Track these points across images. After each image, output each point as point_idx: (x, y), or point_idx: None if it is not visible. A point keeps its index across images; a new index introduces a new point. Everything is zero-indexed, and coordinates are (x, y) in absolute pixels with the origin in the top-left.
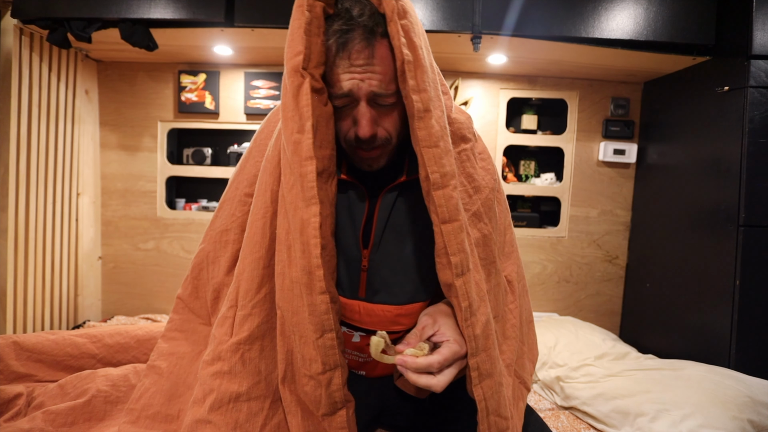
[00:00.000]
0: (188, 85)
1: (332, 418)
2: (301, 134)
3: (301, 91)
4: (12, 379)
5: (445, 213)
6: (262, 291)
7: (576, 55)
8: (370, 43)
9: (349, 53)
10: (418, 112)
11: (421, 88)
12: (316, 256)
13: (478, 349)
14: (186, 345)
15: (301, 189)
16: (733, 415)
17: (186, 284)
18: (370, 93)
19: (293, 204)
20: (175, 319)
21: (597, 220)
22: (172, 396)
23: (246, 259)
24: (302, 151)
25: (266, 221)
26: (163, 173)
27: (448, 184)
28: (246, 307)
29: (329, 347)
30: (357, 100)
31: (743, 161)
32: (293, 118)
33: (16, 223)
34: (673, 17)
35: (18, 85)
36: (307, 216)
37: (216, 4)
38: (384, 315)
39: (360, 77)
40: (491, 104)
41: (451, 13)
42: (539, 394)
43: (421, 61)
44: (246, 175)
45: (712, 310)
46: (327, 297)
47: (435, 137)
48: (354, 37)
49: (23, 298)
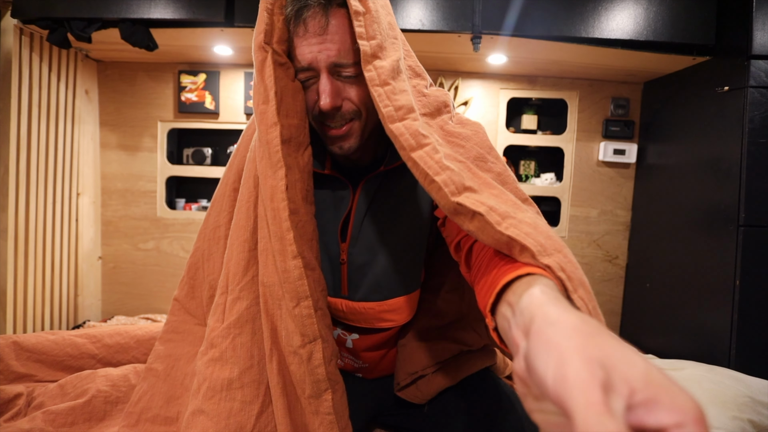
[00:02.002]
0: (188, 85)
1: (318, 402)
2: (266, 105)
3: (265, 64)
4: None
5: (410, 140)
6: (249, 273)
7: (576, 55)
8: (326, 12)
9: (305, 24)
10: (364, 56)
11: (370, 36)
12: (285, 219)
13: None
14: (182, 346)
15: (268, 156)
16: (733, 415)
17: (182, 285)
18: (330, 64)
19: (263, 173)
20: (172, 320)
21: (597, 220)
22: (171, 398)
23: (233, 245)
24: (267, 119)
25: (250, 205)
26: (163, 173)
27: (405, 117)
28: (234, 290)
29: (306, 316)
30: (318, 72)
31: (743, 161)
32: (258, 91)
33: (16, 223)
34: (673, 17)
35: (18, 85)
36: (274, 181)
37: (216, 4)
38: (366, 312)
39: (318, 48)
40: (491, 104)
41: (451, 13)
42: None
43: (371, 12)
44: (234, 170)
45: (712, 310)
46: (300, 261)
47: (383, 76)
48: (309, 6)
49: (23, 298)
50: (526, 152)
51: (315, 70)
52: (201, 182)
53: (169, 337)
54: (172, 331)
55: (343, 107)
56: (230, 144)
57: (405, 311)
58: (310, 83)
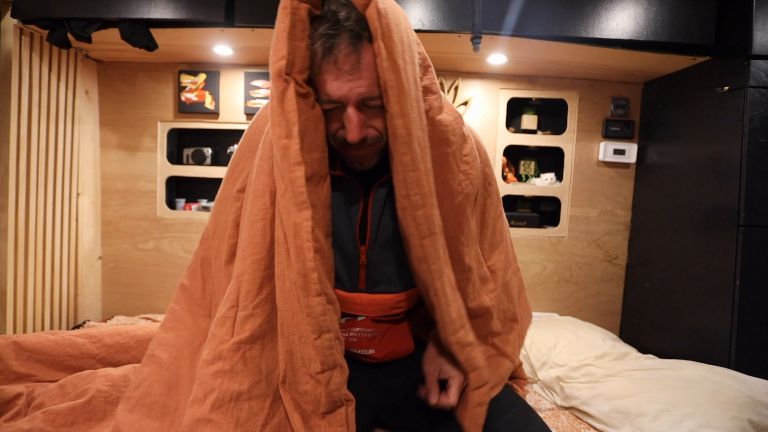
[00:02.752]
0: (188, 85)
1: (332, 416)
2: (289, 139)
3: (286, 96)
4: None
5: (425, 229)
6: (263, 292)
7: (576, 55)
8: (357, 49)
9: (335, 58)
10: (401, 138)
11: (404, 113)
12: (309, 259)
13: (456, 328)
14: (186, 336)
15: (292, 194)
16: (733, 415)
17: (193, 276)
18: (359, 99)
19: (286, 209)
20: (176, 309)
21: (597, 220)
22: (172, 387)
23: (246, 260)
24: (290, 157)
25: (266, 223)
26: (163, 173)
27: (427, 202)
28: (247, 307)
29: (327, 347)
30: (345, 105)
31: (743, 161)
32: (280, 123)
33: (16, 223)
34: (673, 17)
35: (18, 85)
36: (299, 220)
37: (216, 4)
38: (385, 303)
39: (348, 84)
40: (491, 104)
41: (451, 13)
42: (539, 394)
43: (403, 86)
44: (239, 173)
45: (712, 310)
46: (323, 299)
47: (417, 161)
48: (340, 41)
49: (23, 298)
50: (526, 152)
51: (341, 103)
52: (201, 182)
53: (172, 325)
54: (176, 319)
55: (367, 136)
56: (230, 144)
57: (416, 297)
58: (334, 112)
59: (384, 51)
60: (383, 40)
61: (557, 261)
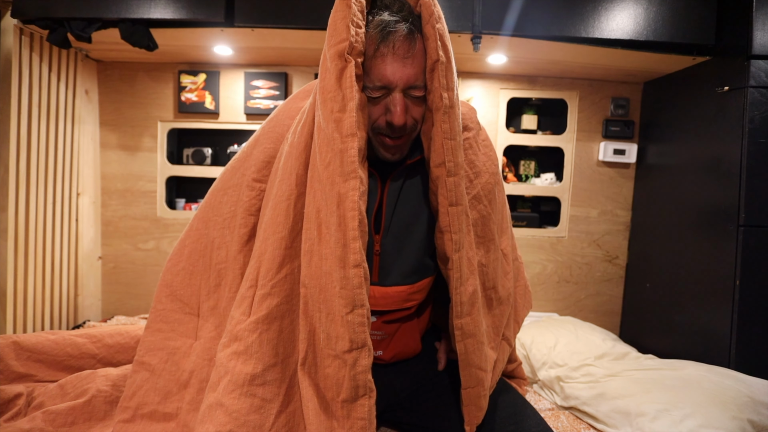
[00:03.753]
0: (188, 85)
1: (352, 407)
2: (343, 113)
3: (345, 73)
4: (12, 379)
5: (453, 197)
6: (283, 271)
7: (576, 55)
8: (412, 37)
9: (393, 44)
10: (445, 108)
11: (450, 87)
12: (353, 228)
13: (463, 313)
14: (174, 338)
15: (340, 164)
16: (733, 415)
17: (176, 270)
18: (407, 84)
19: (330, 179)
20: (159, 309)
21: (597, 220)
22: (167, 394)
23: (268, 240)
24: (344, 129)
25: (290, 203)
26: (163, 173)
27: (458, 172)
28: (266, 286)
29: (358, 324)
30: (391, 90)
31: (743, 161)
32: (335, 99)
33: (16, 223)
34: (673, 17)
35: (18, 85)
36: (345, 190)
37: (216, 4)
38: (398, 296)
39: (401, 71)
40: (491, 104)
41: (451, 13)
42: (539, 394)
43: (451, 63)
44: (253, 161)
45: (712, 310)
46: (361, 271)
47: (455, 131)
48: (398, 29)
49: (23, 298)
50: (526, 152)
51: (391, 87)
52: (201, 182)
53: (158, 327)
54: (161, 320)
55: (407, 123)
56: (230, 144)
57: (428, 289)
58: (376, 96)
59: (437, 33)
60: (436, 23)
61: (557, 261)
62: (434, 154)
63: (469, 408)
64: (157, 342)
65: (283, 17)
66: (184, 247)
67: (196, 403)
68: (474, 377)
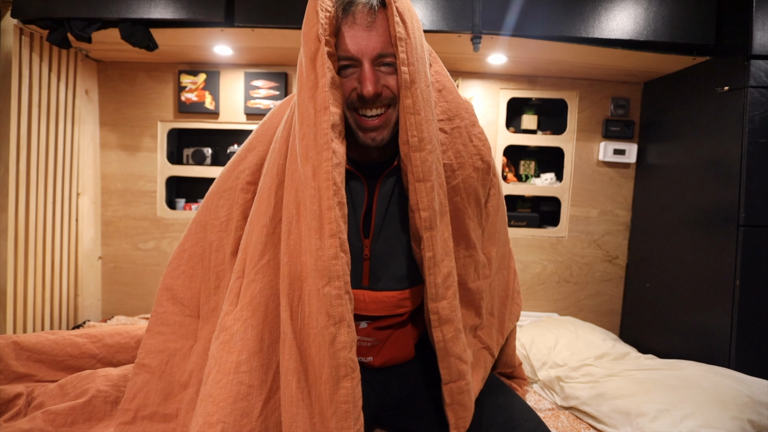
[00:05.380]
0: (188, 85)
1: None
2: (315, 90)
3: (318, 53)
4: (12, 379)
5: (419, 172)
6: (265, 257)
7: (576, 55)
8: (372, 9)
9: (354, 16)
10: (405, 83)
11: (410, 62)
12: (327, 198)
13: (438, 296)
14: (175, 341)
15: (313, 137)
16: (733, 415)
17: (176, 273)
18: (375, 55)
19: (304, 155)
20: (160, 312)
21: (597, 220)
22: (168, 395)
23: (253, 231)
24: (317, 103)
25: (272, 192)
26: (163, 173)
27: (424, 147)
28: (249, 274)
29: (335, 297)
30: (361, 62)
31: (743, 161)
32: (309, 77)
33: (16, 223)
34: (673, 17)
35: (18, 85)
36: (318, 161)
37: (216, 4)
38: (389, 301)
39: (366, 40)
40: (491, 104)
41: (451, 13)
42: (539, 394)
43: (410, 39)
44: (247, 164)
45: (712, 310)
46: (336, 241)
47: (417, 106)
48: (358, 3)
49: (23, 298)
50: (526, 152)
51: (358, 60)
52: (201, 182)
53: (159, 329)
54: (162, 323)
55: (382, 94)
56: (230, 144)
57: (419, 296)
58: (349, 73)
59: (395, 11)
60: (396, 2)
61: (557, 261)
62: (401, 132)
63: (453, 407)
64: (157, 344)
65: (283, 17)
66: (184, 251)
67: (194, 403)
68: (455, 369)
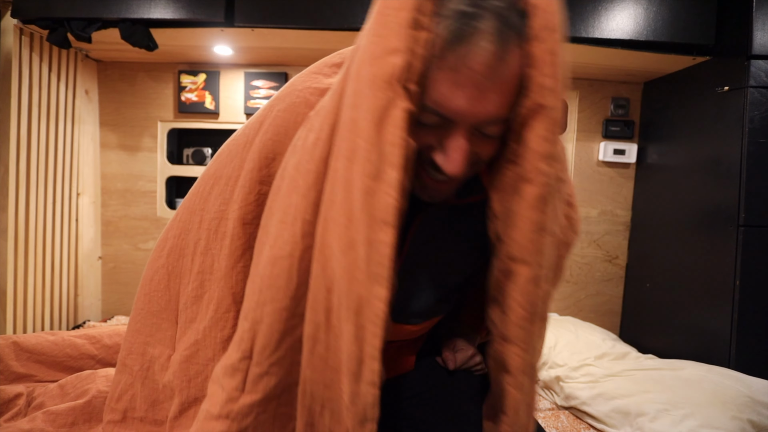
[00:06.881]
0: (188, 85)
1: None
2: (377, 182)
3: (390, 116)
4: (12, 380)
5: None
6: (283, 347)
7: (576, 55)
8: (503, 45)
9: (468, 52)
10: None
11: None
12: (372, 346)
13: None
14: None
15: (366, 261)
16: (733, 415)
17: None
18: (479, 119)
19: (349, 273)
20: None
21: (597, 220)
22: (155, 402)
23: (266, 307)
24: (376, 210)
25: (293, 262)
26: (163, 173)
27: (540, 276)
28: (263, 364)
29: None
30: (453, 123)
31: (743, 161)
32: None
33: (16, 223)
34: (673, 17)
35: (18, 85)
36: (367, 296)
37: (216, 4)
38: (403, 332)
39: (476, 100)
40: None
41: None
42: (539, 394)
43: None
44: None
45: (712, 310)
46: (375, 390)
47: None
48: (481, 28)
49: (23, 298)
50: None
51: (450, 120)
52: None
53: (137, 327)
54: (140, 321)
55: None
56: None
57: (432, 325)
58: (428, 121)
59: (547, 56)
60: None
61: None
62: (514, 244)
63: None
64: (136, 346)
65: (283, 17)
66: (166, 241)
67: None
68: None
